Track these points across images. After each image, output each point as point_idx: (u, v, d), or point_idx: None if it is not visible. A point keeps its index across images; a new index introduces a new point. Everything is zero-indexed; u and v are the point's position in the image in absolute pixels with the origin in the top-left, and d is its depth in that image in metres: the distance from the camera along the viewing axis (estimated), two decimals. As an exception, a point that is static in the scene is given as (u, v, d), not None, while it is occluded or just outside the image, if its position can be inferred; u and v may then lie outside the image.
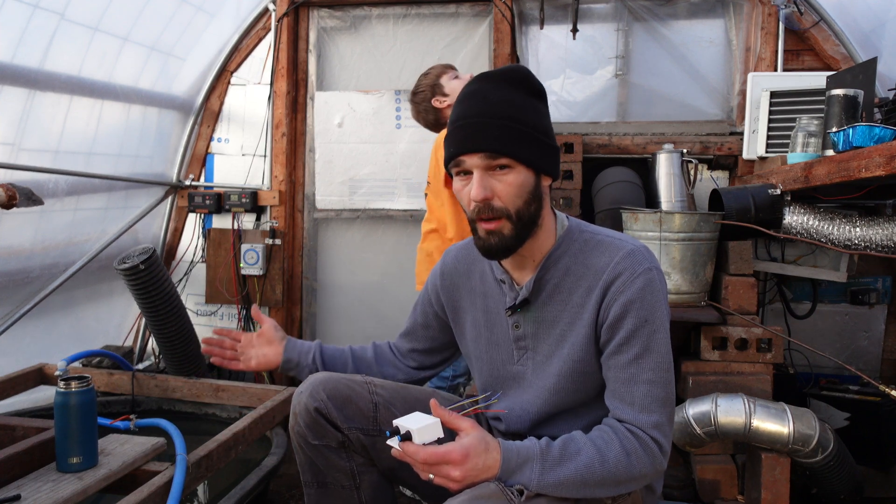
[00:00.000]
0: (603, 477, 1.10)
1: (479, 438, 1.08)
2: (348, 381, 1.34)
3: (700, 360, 2.32)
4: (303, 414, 1.30)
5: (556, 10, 3.25)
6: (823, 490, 2.21)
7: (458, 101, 1.21)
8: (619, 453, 1.11)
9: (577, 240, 1.26)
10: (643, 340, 1.16)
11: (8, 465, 1.58)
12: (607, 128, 3.22)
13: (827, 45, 2.95)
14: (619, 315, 1.17)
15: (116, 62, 2.86)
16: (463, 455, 1.05)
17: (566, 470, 1.09)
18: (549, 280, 1.26)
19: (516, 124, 1.16)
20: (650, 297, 1.17)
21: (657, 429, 1.15)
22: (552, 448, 1.11)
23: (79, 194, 2.90)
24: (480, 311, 1.36)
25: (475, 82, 1.21)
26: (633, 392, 1.16)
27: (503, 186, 1.16)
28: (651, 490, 1.31)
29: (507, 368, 1.33)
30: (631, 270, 1.18)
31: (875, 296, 2.90)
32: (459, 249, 1.44)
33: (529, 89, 1.20)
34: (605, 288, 1.19)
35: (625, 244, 1.22)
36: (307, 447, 1.32)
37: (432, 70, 2.54)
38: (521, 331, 1.30)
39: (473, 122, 1.16)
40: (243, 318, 3.47)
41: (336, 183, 3.42)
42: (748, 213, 2.35)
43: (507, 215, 1.17)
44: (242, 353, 1.50)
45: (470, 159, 1.16)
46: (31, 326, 2.77)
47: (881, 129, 1.84)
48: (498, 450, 1.09)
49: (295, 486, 2.42)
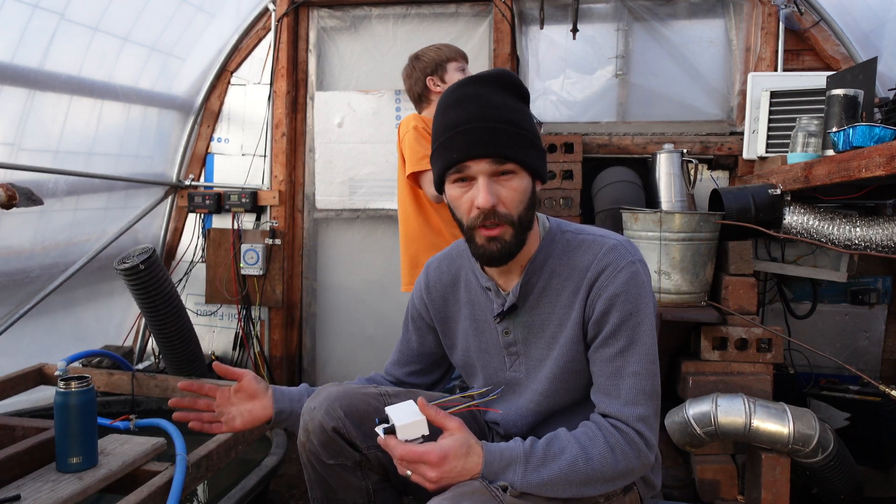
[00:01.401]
0: (587, 475, 1.09)
1: (460, 442, 1.07)
2: (364, 394, 1.28)
3: (700, 360, 2.32)
4: (317, 432, 1.23)
5: (556, 10, 3.25)
6: (823, 490, 2.21)
7: (451, 105, 1.16)
8: (603, 450, 1.11)
9: (559, 241, 1.25)
10: (628, 333, 1.16)
11: (8, 465, 1.58)
12: (607, 128, 3.22)
13: (827, 45, 2.95)
14: (605, 309, 1.17)
15: (116, 62, 2.86)
16: (440, 457, 1.04)
17: (550, 470, 1.08)
18: (535, 284, 1.25)
19: (519, 129, 1.14)
20: (634, 290, 1.17)
21: (642, 422, 1.14)
22: (536, 449, 1.10)
23: (79, 194, 2.90)
24: (468, 320, 1.35)
25: (467, 86, 1.16)
26: (619, 385, 1.16)
27: (508, 192, 1.14)
28: (650, 484, 1.30)
29: (501, 375, 1.32)
30: (614, 265, 1.17)
31: (875, 296, 2.90)
32: (440, 260, 1.41)
33: (520, 93, 1.20)
34: (591, 284, 1.19)
35: (606, 240, 1.22)
36: (319, 465, 1.26)
37: (446, 49, 2.41)
38: (510, 337, 1.29)
39: (478, 126, 1.12)
40: (243, 319, 3.47)
41: (336, 183, 3.42)
42: (748, 213, 2.35)
43: (510, 221, 1.15)
44: (221, 412, 1.33)
45: (476, 165, 1.13)
46: (31, 326, 2.77)
47: (881, 129, 1.84)
48: (480, 454, 1.08)
49: (295, 486, 2.42)
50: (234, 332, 3.51)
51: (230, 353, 3.53)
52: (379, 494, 1.31)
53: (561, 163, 3.05)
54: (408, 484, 1.34)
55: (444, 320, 1.40)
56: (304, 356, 3.56)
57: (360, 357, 3.46)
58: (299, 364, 3.55)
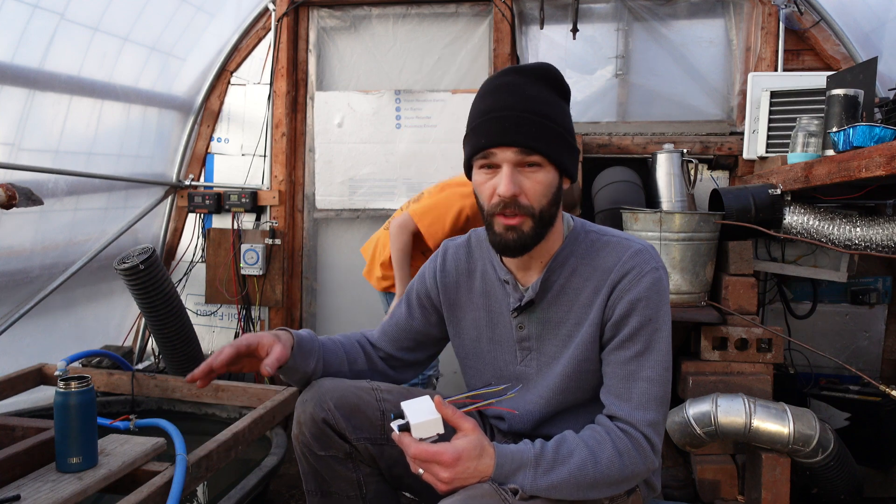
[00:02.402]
0: (595, 478, 1.10)
1: (474, 443, 1.06)
2: (355, 388, 1.29)
3: (700, 360, 2.32)
4: (308, 424, 1.25)
5: (556, 10, 3.25)
6: (824, 490, 2.21)
7: (489, 92, 1.17)
8: (611, 454, 1.11)
9: (583, 240, 1.26)
10: (646, 338, 1.16)
11: (8, 465, 1.58)
12: (607, 128, 3.22)
13: (827, 45, 2.95)
14: (625, 312, 1.17)
15: (116, 62, 2.86)
16: (454, 458, 1.04)
17: (559, 474, 1.09)
18: (555, 281, 1.25)
19: (551, 122, 1.14)
20: (656, 297, 1.17)
21: (651, 426, 1.15)
22: (546, 452, 1.11)
23: (79, 194, 2.89)
24: (482, 310, 1.35)
25: (507, 75, 1.17)
26: (632, 388, 1.16)
27: (532, 184, 1.14)
28: (651, 486, 1.31)
29: (510, 369, 1.32)
30: (639, 269, 1.18)
31: (875, 296, 2.90)
32: (458, 247, 1.41)
33: (560, 89, 1.20)
34: (613, 286, 1.19)
35: (632, 243, 1.22)
36: (312, 457, 1.28)
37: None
38: (525, 331, 1.29)
39: (509, 115, 1.13)
40: (243, 318, 3.47)
41: (336, 183, 3.42)
42: (748, 213, 2.35)
43: (531, 214, 1.15)
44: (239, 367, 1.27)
45: (502, 153, 1.13)
46: (31, 326, 2.77)
47: (881, 128, 1.84)
48: (492, 456, 1.08)
49: (295, 486, 2.42)
50: (234, 332, 3.51)
51: (230, 353, 3.53)
52: (370, 487, 1.32)
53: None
54: (402, 479, 1.35)
55: (452, 305, 1.39)
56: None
57: (360, 357, 3.45)
58: (299, 364, 3.55)
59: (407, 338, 1.44)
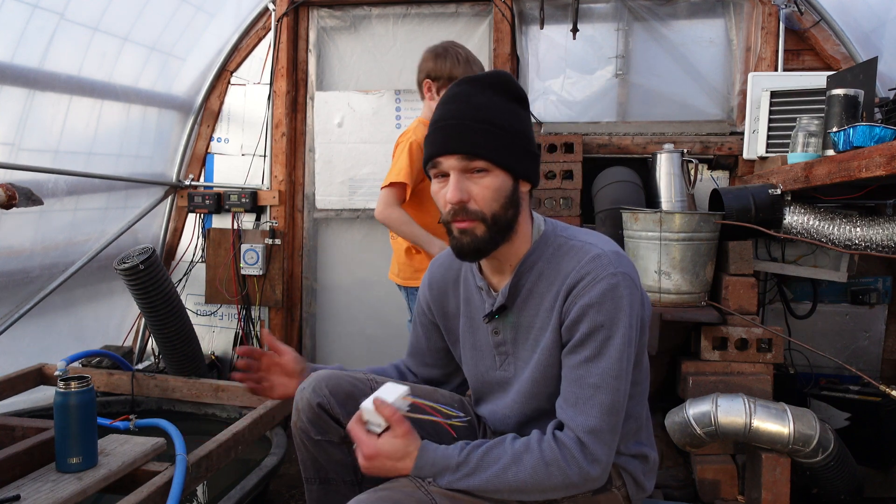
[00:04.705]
0: (516, 486, 1.13)
1: (396, 447, 1.14)
2: (351, 377, 1.35)
3: (700, 360, 2.31)
4: (305, 409, 1.30)
5: (556, 10, 3.25)
6: (824, 490, 2.21)
7: (442, 103, 1.22)
8: (536, 463, 1.13)
9: (551, 244, 1.26)
10: (596, 345, 1.15)
11: (8, 465, 1.58)
12: (607, 128, 3.22)
13: (827, 45, 2.95)
14: (577, 318, 1.17)
15: (116, 62, 2.86)
16: (372, 453, 1.14)
17: (478, 479, 1.14)
18: (523, 285, 1.26)
19: (495, 128, 1.16)
20: (609, 303, 1.15)
21: (592, 434, 1.13)
22: (471, 458, 1.15)
23: (79, 194, 2.89)
24: (465, 317, 1.38)
25: (459, 85, 1.22)
26: (577, 394, 1.16)
27: (479, 189, 1.17)
28: (640, 486, 1.32)
29: (492, 374, 1.35)
30: (594, 274, 1.17)
31: (875, 296, 2.90)
32: (445, 257, 1.45)
33: (511, 94, 1.21)
34: (569, 290, 1.19)
35: (593, 248, 1.21)
36: (309, 443, 1.33)
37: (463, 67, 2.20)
38: (500, 337, 1.31)
39: (453, 123, 1.17)
40: (243, 319, 3.47)
41: (336, 183, 3.42)
42: (748, 213, 2.35)
43: (482, 218, 1.17)
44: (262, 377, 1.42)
45: (447, 161, 1.17)
46: (31, 326, 2.77)
47: (881, 128, 1.84)
48: (414, 459, 1.14)
49: (295, 486, 2.42)
50: (234, 332, 3.51)
51: (230, 353, 3.53)
52: None
53: (561, 163, 3.05)
54: None
55: (444, 316, 1.44)
56: (304, 356, 3.55)
57: (360, 357, 3.45)
58: (299, 364, 3.55)
59: (427, 355, 1.52)
